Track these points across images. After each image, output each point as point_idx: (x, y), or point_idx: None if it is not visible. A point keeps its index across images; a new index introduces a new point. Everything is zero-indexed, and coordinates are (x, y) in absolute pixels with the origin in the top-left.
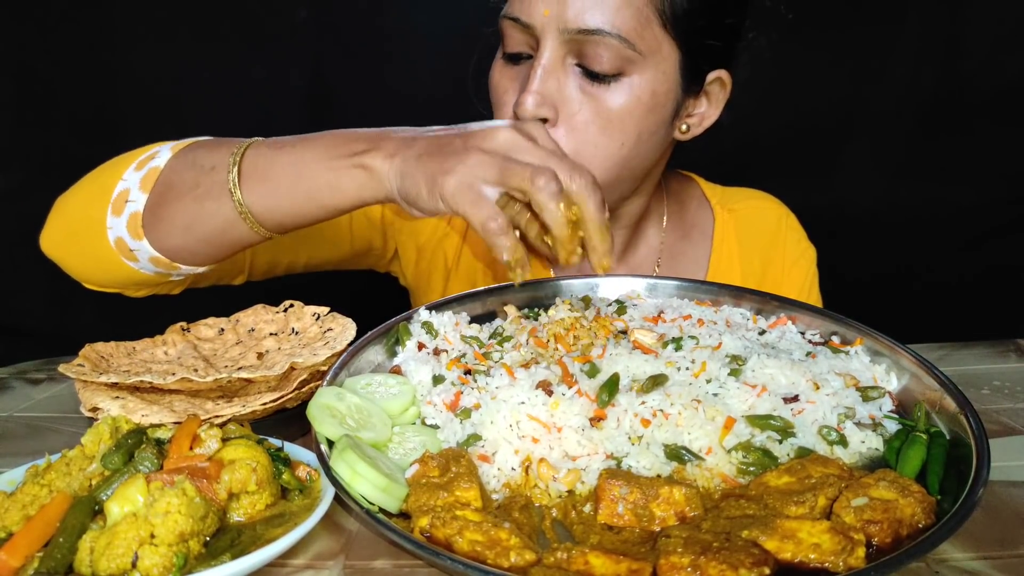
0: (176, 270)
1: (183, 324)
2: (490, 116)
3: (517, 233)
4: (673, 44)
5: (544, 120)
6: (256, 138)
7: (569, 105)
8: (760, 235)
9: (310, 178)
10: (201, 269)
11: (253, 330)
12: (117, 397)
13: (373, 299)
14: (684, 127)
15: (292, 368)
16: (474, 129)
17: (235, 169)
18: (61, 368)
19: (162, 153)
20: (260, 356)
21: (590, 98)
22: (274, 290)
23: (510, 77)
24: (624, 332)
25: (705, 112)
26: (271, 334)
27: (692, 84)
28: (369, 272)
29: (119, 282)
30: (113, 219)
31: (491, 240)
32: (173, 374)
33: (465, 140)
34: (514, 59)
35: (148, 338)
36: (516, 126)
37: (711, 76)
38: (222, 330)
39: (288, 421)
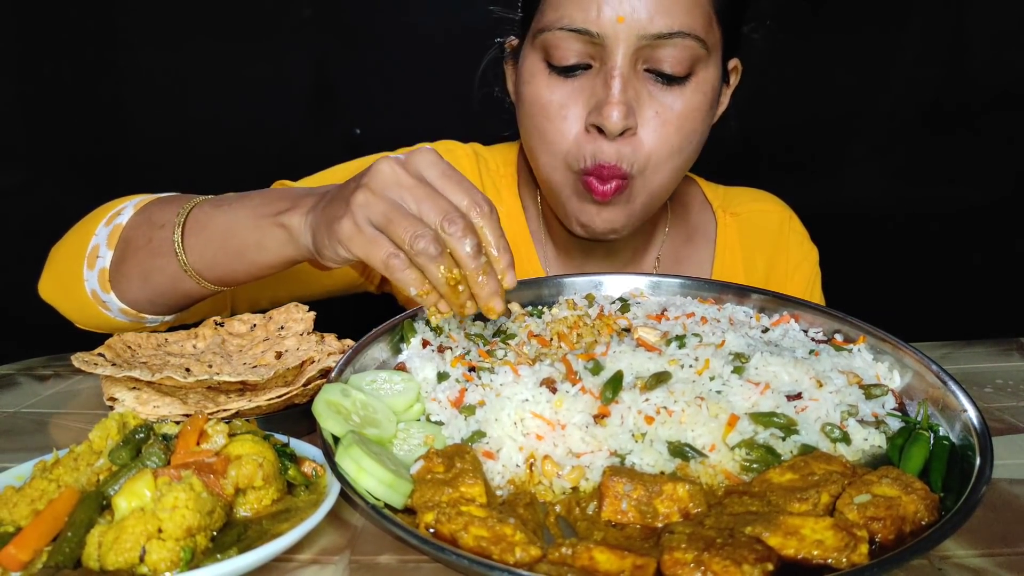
0: (143, 319)
1: (217, 318)
2: (499, 125)
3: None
4: (720, 33)
5: (626, 130)
6: (204, 197)
7: (646, 111)
8: (763, 239)
9: (238, 237)
10: (168, 318)
11: (283, 327)
12: (133, 388)
13: (375, 300)
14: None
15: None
16: (368, 169)
17: (179, 229)
18: (74, 358)
19: (126, 210)
20: (279, 355)
21: (664, 102)
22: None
23: (566, 92)
24: (627, 330)
25: (721, 100)
26: (297, 333)
27: (724, 73)
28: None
29: (104, 327)
30: (88, 272)
31: (395, 276)
32: (162, 371)
33: (356, 182)
34: (567, 72)
35: (183, 330)
36: (398, 159)
37: (731, 65)
38: (254, 326)
39: (294, 417)
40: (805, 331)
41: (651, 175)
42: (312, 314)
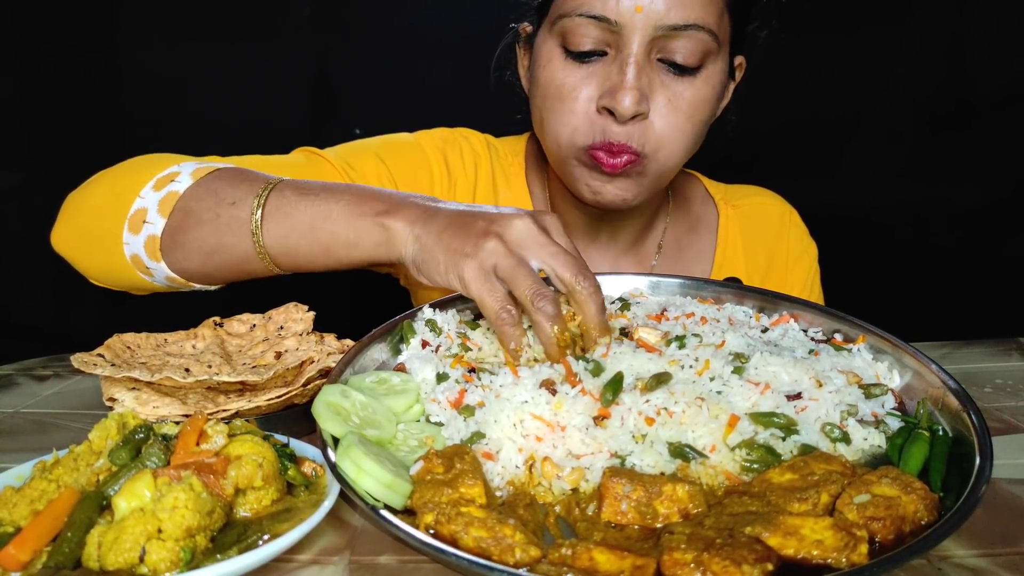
0: (190, 288)
1: (216, 319)
2: (513, 109)
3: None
4: (730, 28)
5: (637, 115)
6: (281, 178)
7: (657, 99)
8: (764, 231)
9: (330, 232)
10: (214, 288)
11: (283, 327)
12: (133, 388)
13: (375, 299)
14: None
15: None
16: (493, 214)
17: (259, 212)
18: (73, 359)
19: (182, 177)
20: (278, 355)
21: (676, 91)
22: (277, 290)
23: (580, 76)
24: (625, 332)
25: (725, 94)
26: (296, 333)
27: (730, 68)
28: (370, 272)
29: (130, 288)
30: (130, 236)
31: (500, 328)
32: (162, 371)
33: (487, 224)
34: (583, 57)
35: (183, 330)
36: (534, 217)
37: (736, 61)
38: (253, 326)
39: (294, 417)
40: (805, 331)
41: (663, 156)
42: (311, 314)
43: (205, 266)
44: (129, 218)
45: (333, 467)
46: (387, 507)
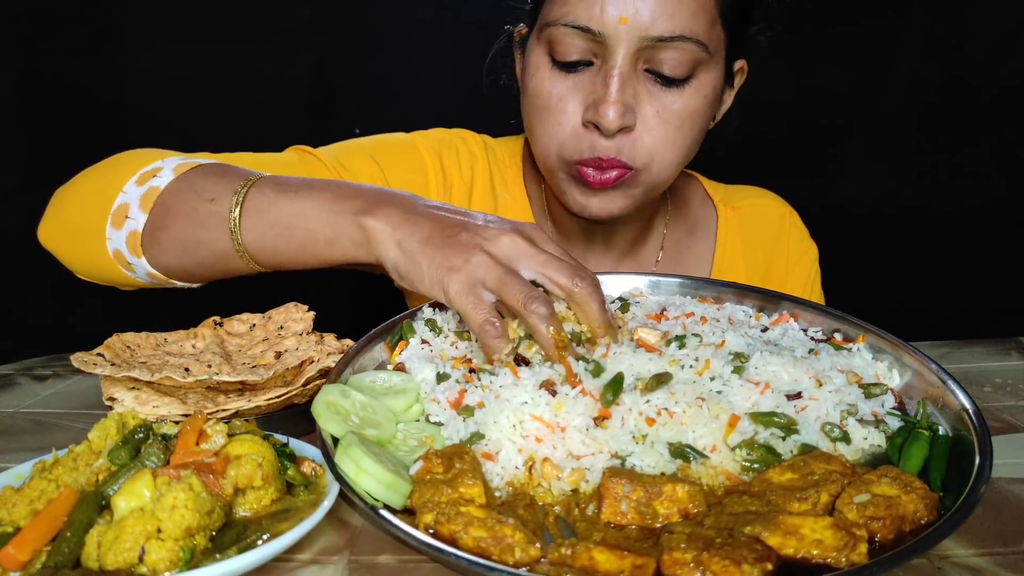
0: (172, 285)
1: (216, 318)
2: (505, 114)
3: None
4: (724, 36)
5: (623, 128)
6: (261, 174)
7: (644, 110)
8: (763, 232)
9: (308, 230)
10: (196, 285)
11: (282, 327)
12: (132, 388)
13: (375, 299)
14: (713, 117)
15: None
16: (478, 224)
17: (237, 209)
18: (73, 358)
19: (164, 172)
20: (278, 355)
21: (664, 102)
22: (277, 290)
23: (567, 87)
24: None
25: (724, 100)
26: (296, 333)
27: (728, 74)
28: (370, 273)
29: (114, 283)
30: (112, 231)
31: (483, 340)
32: (161, 371)
33: (471, 236)
34: (569, 68)
35: (182, 330)
36: (518, 230)
37: (736, 65)
38: (253, 326)
39: (294, 417)
40: (804, 330)
41: (656, 169)
42: (311, 314)
43: (183, 262)
44: (112, 213)
45: (333, 467)
46: (387, 507)
